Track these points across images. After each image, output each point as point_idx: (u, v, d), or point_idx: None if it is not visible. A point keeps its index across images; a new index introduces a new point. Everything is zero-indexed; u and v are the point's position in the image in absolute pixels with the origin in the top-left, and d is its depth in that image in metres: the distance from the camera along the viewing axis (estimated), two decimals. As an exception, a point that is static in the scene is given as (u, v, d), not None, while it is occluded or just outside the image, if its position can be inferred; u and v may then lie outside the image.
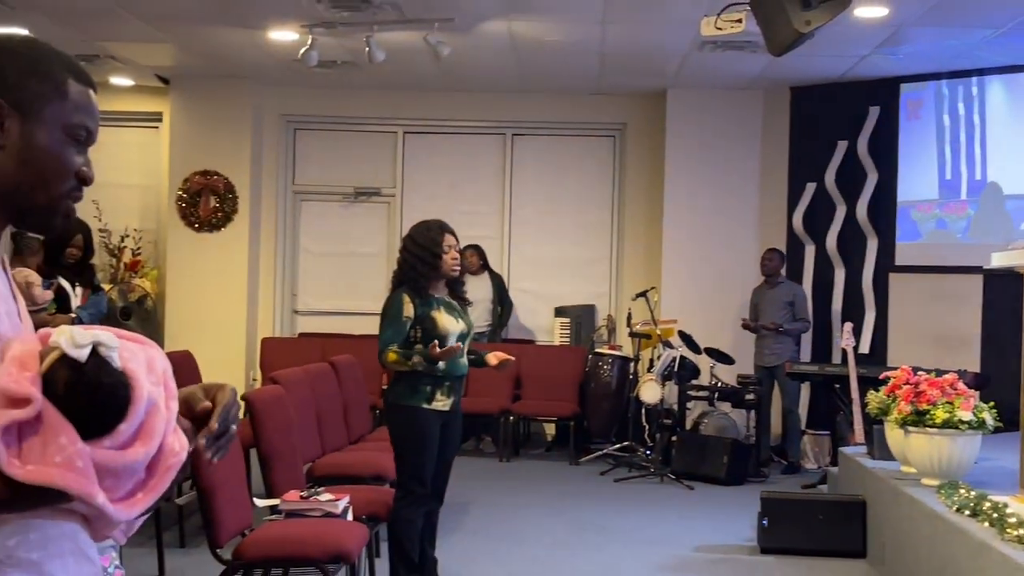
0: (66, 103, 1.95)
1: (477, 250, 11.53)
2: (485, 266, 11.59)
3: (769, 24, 7.49)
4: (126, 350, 1.85)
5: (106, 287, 11.43)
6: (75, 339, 1.77)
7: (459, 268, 6.16)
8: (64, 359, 1.76)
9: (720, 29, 7.96)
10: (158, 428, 1.83)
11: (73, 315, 7.62)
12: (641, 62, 10.56)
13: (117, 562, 3.03)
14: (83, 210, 10.85)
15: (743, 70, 10.73)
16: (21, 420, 1.72)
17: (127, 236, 12.48)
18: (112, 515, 1.81)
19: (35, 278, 7.60)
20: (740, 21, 7.84)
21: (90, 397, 1.77)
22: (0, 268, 1.97)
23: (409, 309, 5.91)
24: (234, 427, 1.99)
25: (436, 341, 5.77)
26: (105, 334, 1.82)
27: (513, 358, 6.25)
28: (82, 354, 1.77)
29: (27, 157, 1.92)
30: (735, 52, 9.84)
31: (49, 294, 7.62)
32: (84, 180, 1.99)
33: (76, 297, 7.90)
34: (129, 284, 12.12)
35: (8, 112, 1.91)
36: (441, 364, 5.89)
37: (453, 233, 6.07)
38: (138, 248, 12.49)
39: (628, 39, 9.60)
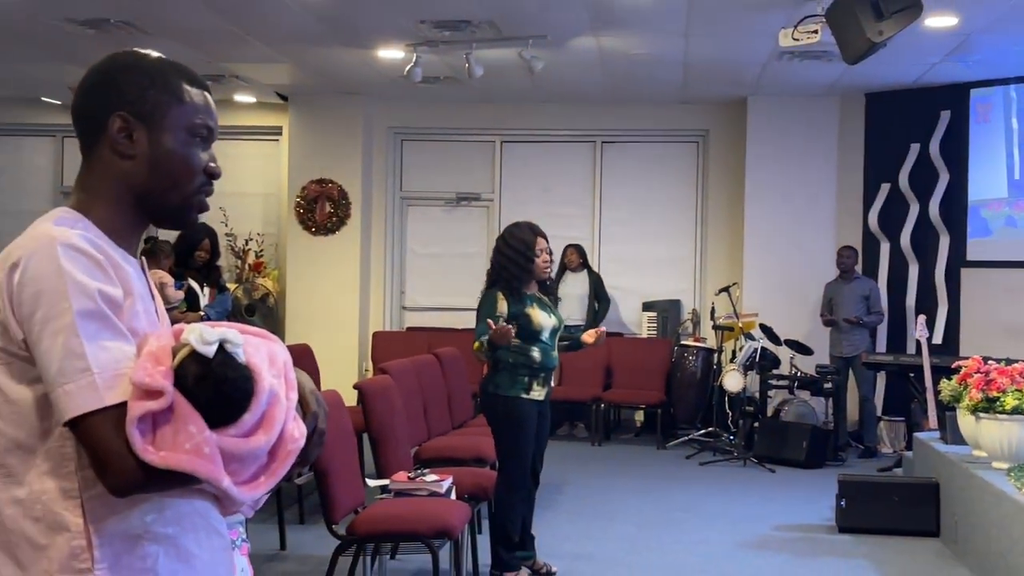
0: (185, 106, 1.98)
1: (577, 249, 11.52)
2: (584, 264, 11.56)
3: (843, 34, 7.38)
4: (250, 345, 1.88)
5: (232, 286, 11.62)
6: (204, 336, 1.80)
7: (550, 269, 6.16)
8: (194, 355, 1.79)
9: (797, 40, 7.86)
10: (279, 417, 1.85)
11: (202, 313, 7.74)
12: (722, 72, 10.45)
13: (244, 535, 3.05)
14: (211, 216, 11.02)
15: (820, 78, 10.56)
16: (155, 411, 1.75)
17: (251, 240, 12.66)
18: (236, 497, 1.83)
19: (168, 279, 7.74)
20: (816, 32, 7.73)
21: (217, 390, 1.79)
22: (140, 269, 2.00)
23: (502, 306, 5.91)
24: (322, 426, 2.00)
25: (490, 320, 5.75)
26: (231, 331, 1.85)
27: (604, 328, 6.15)
28: (210, 350, 1.80)
29: (157, 162, 1.95)
30: (812, 61, 9.69)
31: (181, 294, 7.76)
32: (212, 175, 2.02)
33: (204, 296, 8.02)
34: (253, 283, 12.29)
35: (134, 123, 1.93)
36: (536, 354, 5.89)
37: (544, 236, 6.07)
38: (261, 250, 12.67)
39: (710, 51, 9.50)
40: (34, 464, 1.83)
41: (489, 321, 5.71)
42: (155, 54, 2.03)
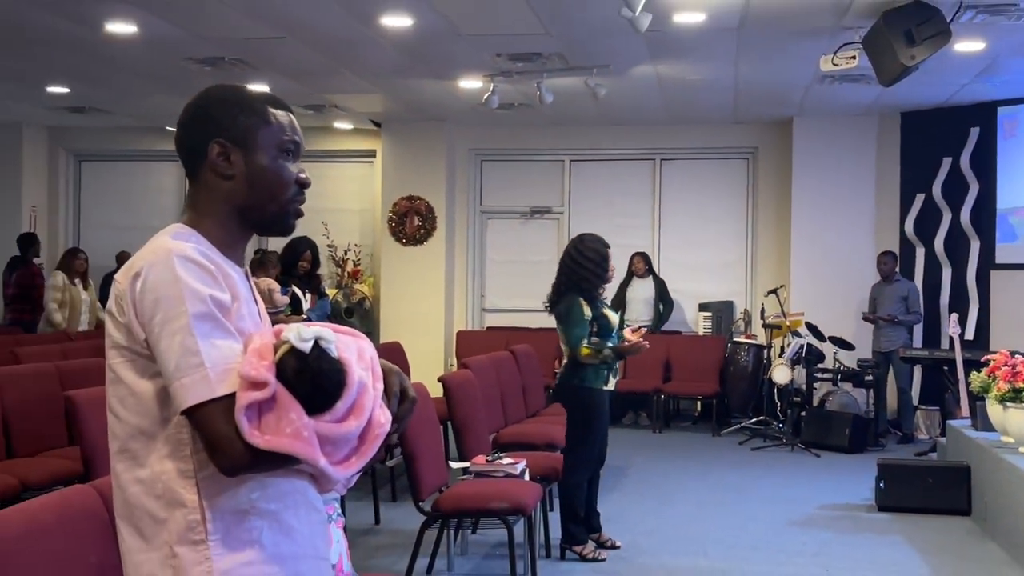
0: (272, 127, 2.01)
1: (643, 256, 11.53)
2: (649, 270, 11.56)
3: (879, 59, 7.32)
4: (341, 342, 1.92)
5: (332, 292, 11.78)
6: (301, 334, 1.85)
7: (613, 276, 6.29)
8: (293, 350, 1.84)
9: (836, 65, 7.80)
10: (367, 405, 1.89)
11: (304, 316, 7.84)
12: (770, 95, 10.37)
13: (340, 511, 3.11)
14: (313, 229, 11.26)
15: (859, 99, 10.43)
16: (260, 400, 1.80)
17: (349, 250, 12.82)
18: (332, 475, 1.88)
19: (275, 286, 7.86)
20: (854, 58, 7.67)
21: (313, 381, 1.83)
22: (245, 277, 2.04)
23: (587, 311, 5.99)
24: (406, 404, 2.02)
25: (626, 336, 5.98)
26: (325, 330, 1.89)
27: (645, 342, 6.15)
28: (307, 346, 1.84)
29: (254, 178, 1.99)
30: (851, 84, 9.58)
31: (286, 299, 7.87)
32: (303, 184, 2.05)
33: (306, 302, 8.12)
34: (351, 289, 12.44)
35: (230, 148, 1.98)
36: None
37: (609, 246, 6.17)
38: (358, 260, 12.82)
39: (758, 75, 9.44)
40: (155, 448, 1.88)
41: (628, 337, 5.99)
42: (241, 86, 2.08)
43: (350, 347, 1.93)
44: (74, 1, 7.10)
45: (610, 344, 5.99)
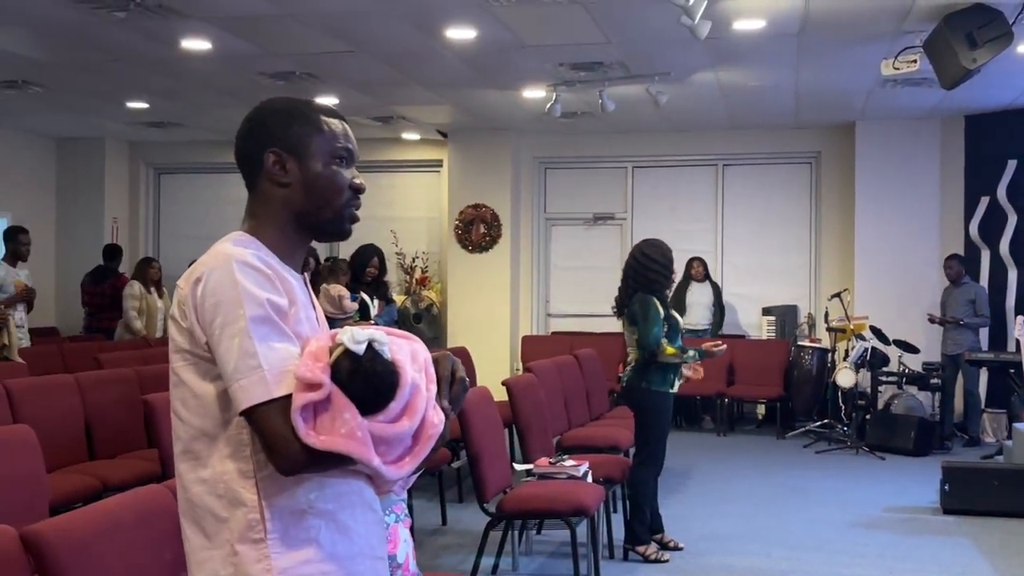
0: (324, 135, 2.03)
1: (702, 261, 11.47)
2: (707, 275, 11.50)
3: (940, 63, 7.20)
4: (395, 344, 1.93)
5: (401, 298, 11.88)
6: (355, 337, 1.86)
7: (676, 280, 6.28)
8: (347, 352, 1.84)
9: (898, 69, 7.69)
10: (420, 406, 1.89)
11: (372, 322, 7.92)
12: (832, 99, 10.25)
13: (406, 511, 3.13)
14: (382, 237, 11.38)
15: (921, 102, 10.27)
16: (315, 401, 1.81)
17: (417, 257, 12.91)
18: (385, 474, 1.88)
19: (345, 292, 7.95)
20: (915, 61, 7.56)
21: (366, 382, 1.84)
22: (303, 283, 2.05)
23: (660, 310, 6.00)
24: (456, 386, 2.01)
25: (719, 340, 6.00)
26: (378, 332, 1.90)
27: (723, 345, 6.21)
28: (360, 348, 1.85)
29: (309, 185, 2.01)
30: (913, 87, 9.43)
31: (355, 305, 7.96)
32: (357, 189, 2.07)
33: (374, 307, 8.20)
34: (419, 295, 12.53)
35: (285, 156, 2.01)
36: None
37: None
38: (426, 266, 12.90)
39: (819, 80, 9.34)
40: (216, 449, 1.90)
41: (708, 345, 6.04)
42: (294, 97, 2.10)
43: (403, 349, 1.94)
44: (152, 20, 7.26)
45: (695, 353, 6.00)
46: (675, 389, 6.11)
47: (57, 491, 4.91)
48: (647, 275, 6.06)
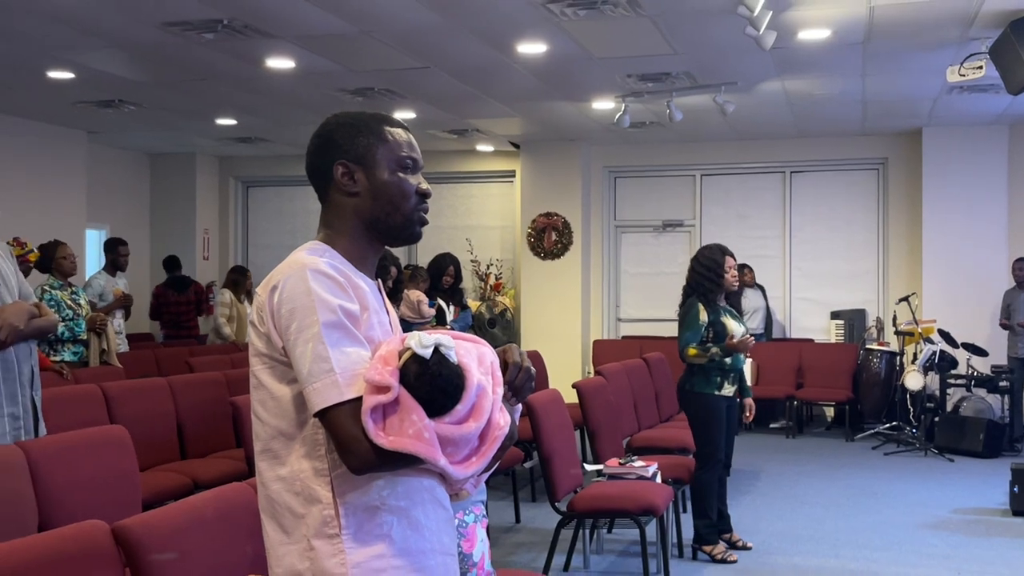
0: (389, 144, 2.06)
1: (749, 268, 11.32)
2: (754, 280, 11.37)
3: (1006, 69, 7.03)
4: (461, 348, 1.93)
5: (476, 304, 11.93)
6: (422, 341, 1.87)
7: (737, 284, 6.14)
8: (414, 356, 1.86)
9: (963, 75, 7.52)
10: (486, 408, 1.90)
11: (448, 327, 7.97)
12: (898, 106, 10.06)
13: (484, 512, 3.13)
14: (458, 246, 11.46)
15: (989, 108, 10.02)
16: (384, 403, 1.83)
17: (491, 264, 12.96)
18: (452, 474, 1.89)
19: (424, 298, 8.01)
20: (981, 68, 7.39)
21: (433, 384, 1.85)
22: (376, 289, 2.07)
23: (703, 315, 5.92)
24: (522, 375, 2.00)
25: (732, 333, 5.82)
26: (445, 337, 1.91)
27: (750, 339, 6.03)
28: (427, 352, 1.86)
29: (377, 193, 2.04)
30: (980, 94, 9.22)
31: (433, 311, 8.01)
32: (424, 194, 2.09)
33: (450, 313, 8.25)
34: (494, 301, 12.56)
35: (353, 167, 2.04)
36: (727, 358, 5.86)
37: (732, 256, 6.06)
38: (500, 273, 12.94)
39: (885, 88, 9.17)
40: (293, 448, 1.93)
41: (736, 335, 5.83)
42: (359, 111, 2.12)
43: (470, 353, 1.94)
44: (238, 41, 7.40)
45: (717, 349, 5.85)
46: (724, 392, 5.95)
47: (150, 488, 5.02)
48: (697, 279, 6.01)
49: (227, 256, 13.79)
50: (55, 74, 8.51)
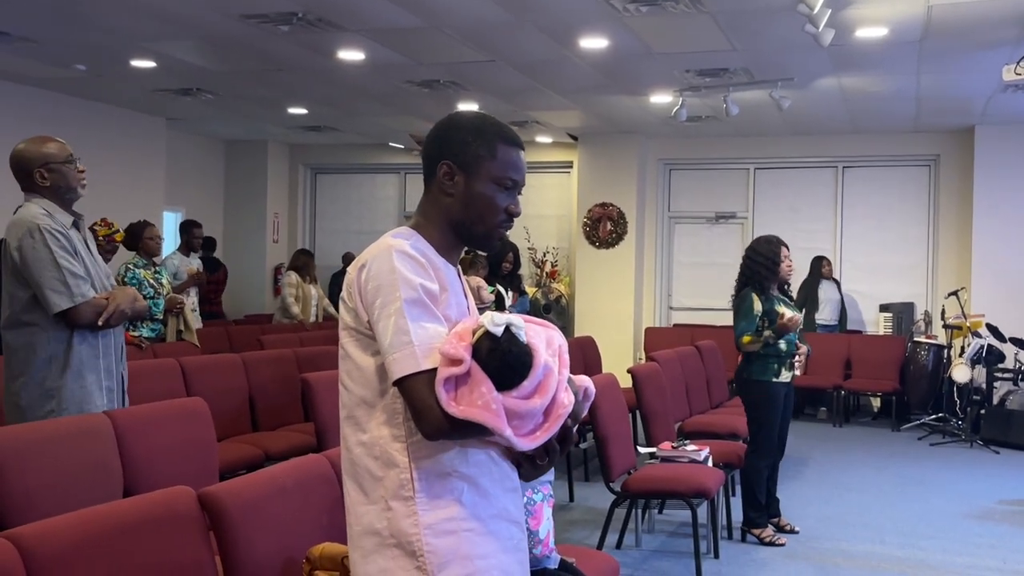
0: (496, 161, 2.08)
1: (828, 261, 11.21)
2: (831, 272, 11.24)
3: (1063, 67, 6.86)
4: (531, 329, 1.99)
5: (532, 290, 11.92)
6: (494, 319, 1.93)
7: (791, 274, 6.07)
8: (487, 334, 1.91)
9: (1019, 74, 7.35)
10: (552, 386, 1.94)
11: (507, 311, 7.97)
12: (951, 104, 9.86)
13: (551, 492, 3.15)
14: (515, 233, 11.41)
15: (1043, 106, 9.81)
16: (456, 375, 1.88)
17: (548, 252, 12.95)
18: (516, 445, 1.93)
19: (483, 284, 8.02)
20: (1037, 66, 7.21)
21: (503, 360, 1.90)
22: (457, 275, 2.14)
23: (758, 305, 5.87)
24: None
25: (784, 312, 5.76)
26: (516, 317, 1.96)
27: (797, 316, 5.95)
28: (499, 330, 1.91)
29: (468, 202, 2.09)
30: (1035, 92, 9.03)
31: (492, 296, 8.02)
32: (511, 214, 2.13)
33: (508, 298, 8.26)
34: (549, 287, 12.56)
35: (456, 170, 2.08)
36: (783, 345, 5.81)
37: (787, 246, 6.00)
38: (556, 261, 12.93)
39: (940, 86, 9.00)
40: (374, 416, 2.00)
41: (786, 315, 5.76)
42: (487, 116, 2.15)
43: (539, 335, 2.00)
44: (312, 33, 7.45)
45: (770, 332, 5.79)
46: (781, 379, 5.90)
47: (224, 459, 5.08)
48: (753, 269, 5.96)
49: (295, 239, 13.93)
50: (138, 63, 8.65)
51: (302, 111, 11.10)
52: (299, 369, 6.74)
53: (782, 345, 5.85)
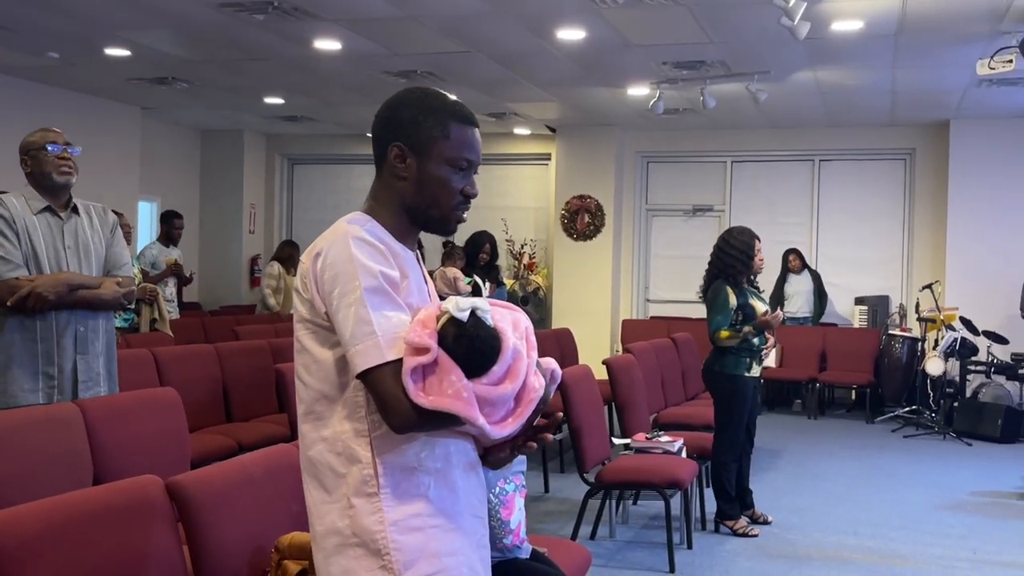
0: (449, 142, 2.00)
1: (797, 253, 11.25)
2: (804, 265, 11.27)
3: (1036, 62, 6.91)
4: (497, 313, 1.93)
5: (509, 282, 11.92)
6: (459, 304, 1.87)
7: (763, 268, 6.07)
8: (452, 319, 1.86)
9: (993, 69, 7.40)
10: (521, 370, 1.89)
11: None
12: (927, 98, 9.92)
13: (524, 483, 3.13)
14: (493, 225, 11.42)
15: (1016, 102, 9.87)
16: (423, 364, 1.83)
17: (525, 244, 12.95)
18: (490, 433, 1.88)
19: (460, 275, 8.04)
20: (1011, 61, 7.27)
21: (470, 346, 1.85)
22: (415, 259, 2.06)
23: (732, 299, 5.87)
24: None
25: (767, 310, 5.81)
26: (481, 301, 1.91)
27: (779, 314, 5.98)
28: (464, 315, 1.86)
29: (422, 184, 2.00)
30: (1009, 87, 9.08)
31: (469, 287, 8.03)
32: (468, 196, 2.05)
33: (486, 289, 8.27)
34: (527, 279, 12.57)
35: (407, 152, 2.00)
36: (755, 339, 5.82)
37: (759, 239, 6.00)
38: (533, 253, 12.93)
39: (915, 79, 9.05)
40: (335, 410, 1.93)
41: (763, 313, 5.79)
42: (438, 93, 2.06)
43: (505, 318, 1.94)
44: (288, 22, 7.41)
45: (750, 328, 5.80)
46: (752, 373, 5.90)
47: (197, 449, 5.05)
48: (725, 261, 5.94)
49: (272, 230, 13.87)
50: (112, 51, 8.58)
51: (278, 101, 11.04)
52: (274, 360, 6.71)
53: (755, 340, 5.86)
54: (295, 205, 14.20)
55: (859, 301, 11.57)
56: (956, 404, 9.68)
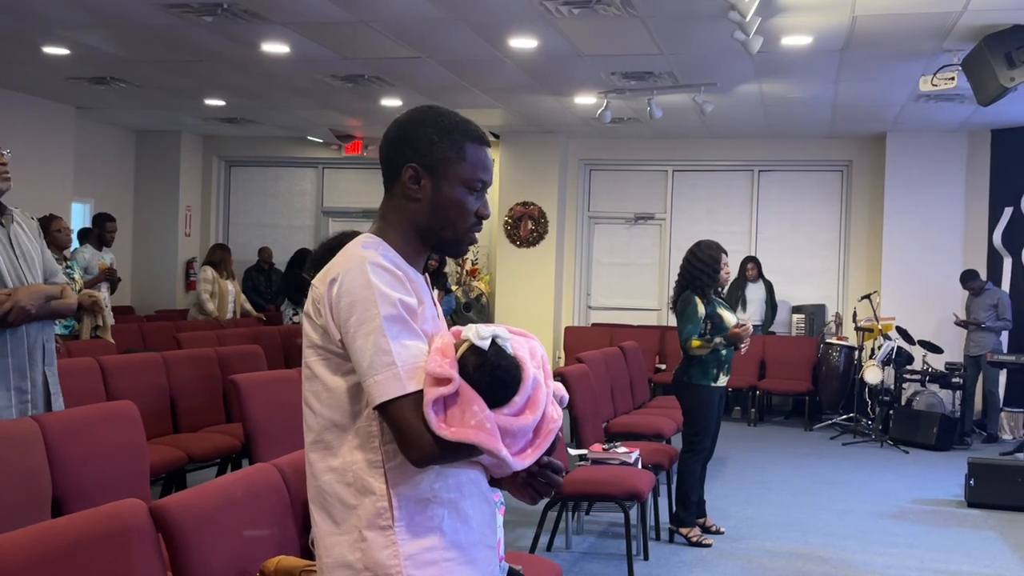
0: (465, 163, 1.95)
1: (755, 262, 11.38)
2: (760, 275, 11.41)
3: (978, 81, 7.10)
4: (515, 341, 1.89)
5: (454, 288, 11.87)
6: (480, 332, 1.83)
7: (728, 280, 6.18)
8: (472, 348, 1.81)
9: (936, 85, 7.58)
10: (541, 400, 1.86)
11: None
12: (866, 111, 10.13)
13: (502, 500, 3.11)
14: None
15: (952, 116, 10.13)
16: (445, 395, 1.77)
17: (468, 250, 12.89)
18: (512, 464, 1.83)
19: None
20: (953, 79, 7.46)
21: (492, 375, 1.80)
22: (425, 283, 2.02)
23: (701, 309, 5.94)
24: None
25: (738, 321, 5.93)
26: (501, 329, 1.86)
27: (748, 327, 6.09)
28: (485, 344, 1.82)
29: (437, 206, 1.95)
30: (946, 103, 9.32)
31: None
32: (481, 217, 2.00)
33: (434, 296, 8.21)
34: (470, 286, 12.52)
35: (422, 173, 1.94)
36: (723, 350, 5.90)
37: (726, 253, 6.09)
38: (476, 259, 12.89)
39: (856, 93, 9.22)
40: (346, 440, 1.87)
41: (737, 324, 5.89)
42: (450, 112, 2.01)
43: (523, 346, 1.90)
44: (237, 25, 7.28)
45: (721, 339, 5.90)
46: (719, 383, 6.01)
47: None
48: (693, 273, 6.02)
49: (208, 233, 13.62)
50: (50, 50, 8.35)
51: (219, 102, 10.85)
52: (220, 369, 6.59)
53: (723, 351, 5.94)
54: (232, 208, 13.97)
55: (796, 310, 11.77)
56: (892, 412, 9.88)
